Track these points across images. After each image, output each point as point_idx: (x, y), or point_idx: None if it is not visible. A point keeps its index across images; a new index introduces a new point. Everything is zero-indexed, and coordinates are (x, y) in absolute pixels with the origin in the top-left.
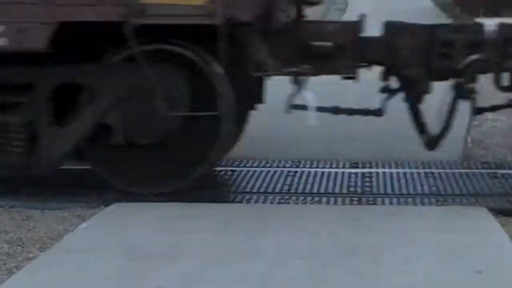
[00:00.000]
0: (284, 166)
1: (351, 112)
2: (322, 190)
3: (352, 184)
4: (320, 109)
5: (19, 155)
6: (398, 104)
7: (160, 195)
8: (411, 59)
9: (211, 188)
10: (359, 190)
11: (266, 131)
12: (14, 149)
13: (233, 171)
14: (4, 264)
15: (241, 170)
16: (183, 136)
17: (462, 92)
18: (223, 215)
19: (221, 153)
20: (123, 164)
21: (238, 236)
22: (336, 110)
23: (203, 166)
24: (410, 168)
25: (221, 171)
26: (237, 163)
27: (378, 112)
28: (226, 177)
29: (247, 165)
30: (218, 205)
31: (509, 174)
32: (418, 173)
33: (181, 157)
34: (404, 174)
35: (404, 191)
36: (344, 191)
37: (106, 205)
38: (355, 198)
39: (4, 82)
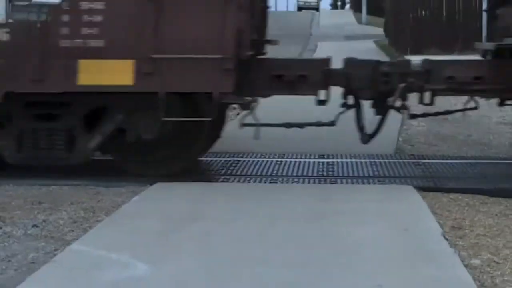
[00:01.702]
0: (273, 157)
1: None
2: (299, 174)
3: (320, 169)
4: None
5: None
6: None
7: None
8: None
9: (221, 174)
10: (325, 174)
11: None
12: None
13: (238, 161)
14: (81, 225)
15: (243, 160)
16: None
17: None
18: (231, 191)
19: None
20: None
21: (240, 205)
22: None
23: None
24: (359, 158)
25: (229, 161)
26: (240, 155)
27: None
28: (233, 165)
29: (247, 157)
30: (228, 184)
31: (428, 163)
32: (365, 162)
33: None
34: (356, 162)
35: (355, 174)
36: (315, 174)
37: (151, 184)
38: (322, 179)
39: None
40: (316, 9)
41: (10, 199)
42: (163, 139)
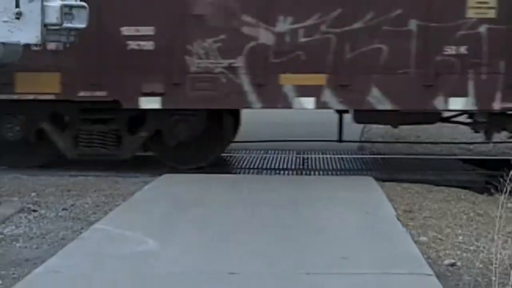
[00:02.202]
0: (258, 153)
1: None
2: (280, 167)
3: (298, 163)
4: None
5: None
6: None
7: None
8: None
9: (221, 166)
10: (301, 167)
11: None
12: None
13: (230, 156)
14: (103, 208)
15: (235, 156)
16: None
17: None
18: (225, 181)
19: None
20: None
21: (232, 193)
22: None
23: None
24: (329, 154)
25: (223, 156)
26: (232, 151)
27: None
28: (227, 159)
29: (237, 153)
30: (222, 176)
31: (385, 158)
32: (334, 157)
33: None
34: (327, 158)
35: (326, 167)
36: (293, 167)
37: (160, 175)
38: (299, 171)
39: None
40: None
41: (44, 187)
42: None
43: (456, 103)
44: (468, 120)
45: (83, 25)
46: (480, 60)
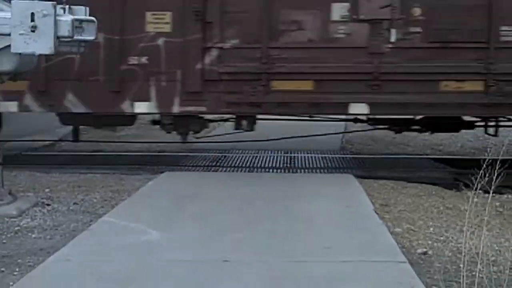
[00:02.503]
0: (249, 153)
1: None
2: (269, 166)
3: (285, 162)
4: None
5: None
6: None
7: None
8: None
9: (213, 165)
10: (288, 166)
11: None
12: None
13: (224, 156)
14: (110, 202)
15: (228, 156)
16: None
17: None
18: (220, 178)
19: None
20: None
21: (227, 188)
22: None
23: None
24: (314, 153)
25: (218, 156)
26: (226, 151)
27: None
28: (221, 159)
29: (231, 153)
30: (218, 173)
31: (363, 157)
32: (318, 156)
33: None
34: (311, 157)
35: (311, 166)
36: (281, 166)
37: (161, 173)
38: (286, 169)
39: None
40: None
41: (57, 184)
42: None
43: (141, 107)
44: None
45: (92, 37)
46: (159, 69)
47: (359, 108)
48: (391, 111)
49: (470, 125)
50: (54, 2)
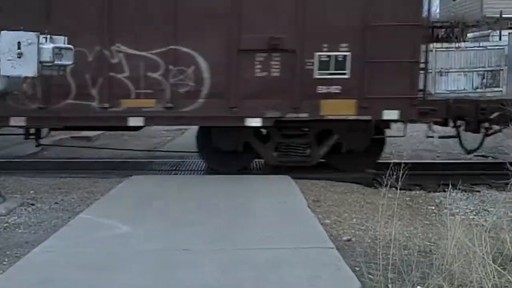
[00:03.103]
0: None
1: (452, 137)
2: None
3: None
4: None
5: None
6: None
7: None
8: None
9: (173, 170)
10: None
11: None
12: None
13: (183, 161)
14: (86, 202)
15: (186, 161)
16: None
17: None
18: (180, 180)
19: None
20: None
21: (186, 188)
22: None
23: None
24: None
25: (177, 162)
26: (184, 157)
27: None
28: (180, 164)
29: (188, 159)
30: (178, 176)
31: None
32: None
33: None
34: (257, 161)
35: (256, 168)
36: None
37: (130, 176)
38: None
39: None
40: None
41: (40, 186)
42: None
43: None
44: None
45: (70, 62)
46: None
47: None
48: None
49: None
50: (38, 33)
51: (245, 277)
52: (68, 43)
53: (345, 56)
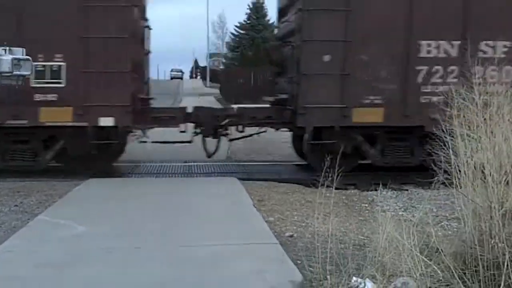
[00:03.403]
0: (158, 163)
1: (166, 142)
2: (173, 172)
3: (185, 169)
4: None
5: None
6: None
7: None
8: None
9: (129, 173)
10: (186, 172)
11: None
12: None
13: (138, 165)
14: (44, 204)
15: (142, 165)
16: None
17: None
18: (134, 182)
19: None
20: None
21: (139, 189)
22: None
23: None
24: (206, 162)
25: (132, 166)
26: (140, 162)
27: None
28: (135, 168)
29: (143, 163)
30: (132, 179)
31: (244, 164)
32: (209, 164)
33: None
34: (204, 165)
35: (204, 171)
36: (182, 172)
37: (87, 179)
38: (186, 175)
39: None
40: (181, 78)
41: (0, 189)
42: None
43: None
44: None
45: (28, 73)
46: None
47: None
48: None
49: None
50: None
51: (192, 272)
52: None
53: (60, 66)
